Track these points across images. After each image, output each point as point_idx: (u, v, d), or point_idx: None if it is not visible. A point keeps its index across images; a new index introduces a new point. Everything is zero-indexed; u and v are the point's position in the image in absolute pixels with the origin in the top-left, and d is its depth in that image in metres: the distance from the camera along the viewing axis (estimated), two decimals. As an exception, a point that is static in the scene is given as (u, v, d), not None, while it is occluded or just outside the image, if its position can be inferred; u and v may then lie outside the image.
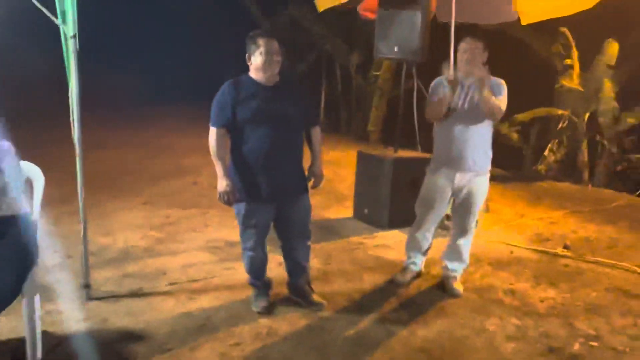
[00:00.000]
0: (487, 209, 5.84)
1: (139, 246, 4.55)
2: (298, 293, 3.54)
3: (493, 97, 3.48)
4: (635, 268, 4.49)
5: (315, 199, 3.56)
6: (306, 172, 3.39)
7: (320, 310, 3.47)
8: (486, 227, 5.43)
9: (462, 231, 3.83)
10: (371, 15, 5.48)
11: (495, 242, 5.05)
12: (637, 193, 7.62)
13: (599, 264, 4.59)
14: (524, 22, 5.42)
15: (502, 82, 3.60)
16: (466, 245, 3.87)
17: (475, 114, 3.56)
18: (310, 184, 3.41)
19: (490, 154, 3.72)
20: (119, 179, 6.97)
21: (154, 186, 6.70)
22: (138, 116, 13.24)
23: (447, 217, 4.52)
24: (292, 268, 3.53)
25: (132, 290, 3.68)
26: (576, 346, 3.17)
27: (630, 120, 8.33)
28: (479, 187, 3.70)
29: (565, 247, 4.98)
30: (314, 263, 3.89)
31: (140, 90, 15.52)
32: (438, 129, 3.77)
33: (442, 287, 3.89)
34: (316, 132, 3.41)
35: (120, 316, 3.30)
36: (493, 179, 3.86)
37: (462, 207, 3.76)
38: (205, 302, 3.54)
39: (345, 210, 5.89)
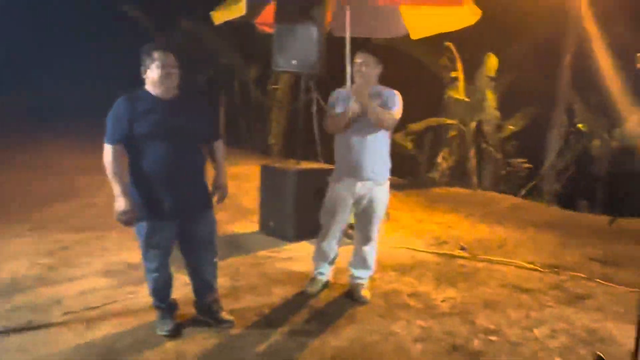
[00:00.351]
0: (388, 217, 6.03)
1: (28, 275, 4.20)
2: (206, 312, 3.44)
3: (379, 108, 3.61)
4: (524, 264, 4.84)
5: (220, 214, 3.49)
6: (210, 187, 3.32)
7: (230, 327, 3.39)
8: (388, 233, 5.60)
9: (366, 239, 3.92)
10: (268, 29, 5.50)
11: (398, 247, 5.23)
12: (522, 194, 8.26)
13: (492, 262, 4.90)
14: (413, 37, 5.71)
15: (397, 93, 3.75)
16: (371, 252, 3.96)
17: (371, 124, 3.68)
18: (214, 199, 3.34)
19: (388, 163, 3.85)
20: (1, 205, 6.41)
21: (43, 210, 6.23)
22: (26, 136, 12.29)
23: (351, 226, 4.61)
24: (199, 287, 3.43)
25: (23, 323, 3.38)
26: (477, 342, 3.34)
27: (511, 128, 9.05)
28: (379, 196, 3.81)
29: (462, 248, 5.27)
30: (222, 280, 3.79)
31: (29, 108, 14.44)
32: (338, 140, 3.85)
33: (350, 295, 3.95)
34: (218, 146, 3.35)
35: (12, 353, 3.02)
36: (392, 187, 4.00)
37: (364, 215, 3.85)
38: (105, 330, 3.33)
39: (251, 225, 5.83)
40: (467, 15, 4.93)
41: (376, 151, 3.74)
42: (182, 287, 3.73)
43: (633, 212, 6.81)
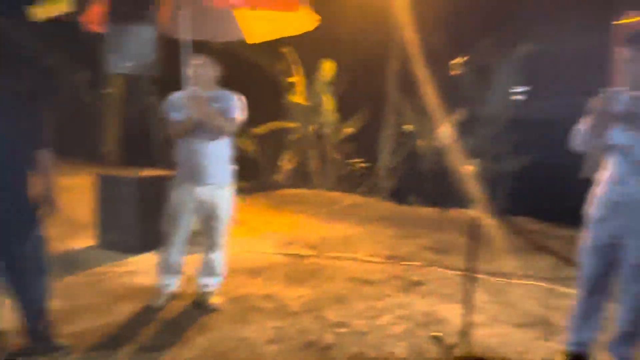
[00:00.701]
0: (236, 221, 5.99)
1: None
2: (38, 339, 3.09)
3: (219, 115, 3.56)
4: (366, 257, 5.13)
5: (51, 230, 3.16)
6: (35, 200, 2.99)
7: (67, 354, 3.09)
8: (237, 237, 5.55)
9: (213, 245, 3.84)
10: (97, 28, 5.13)
11: (247, 251, 5.22)
12: (361, 192, 8.74)
13: (338, 258, 5.12)
14: (249, 42, 5.72)
15: (238, 97, 3.72)
16: (219, 258, 3.89)
17: (208, 127, 3.59)
18: (41, 212, 3.01)
19: (230, 167, 3.80)
20: None
21: None
22: None
23: (197, 233, 4.48)
24: (28, 311, 3.07)
25: None
26: (328, 336, 3.46)
27: (348, 130, 9.55)
28: (222, 200, 3.74)
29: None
30: (56, 302, 3.44)
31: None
32: (179, 145, 3.73)
33: (200, 304, 3.84)
34: (44, 156, 3.04)
35: None
36: (238, 190, 3.97)
37: (208, 221, 3.76)
38: None
39: (87, 240, 5.39)
40: (305, 21, 5.08)
41: (218, 155, 3.68)
42: (8, 313, 3.31)
43: (455, 204, 7.58)
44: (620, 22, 4.12)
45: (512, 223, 7.25)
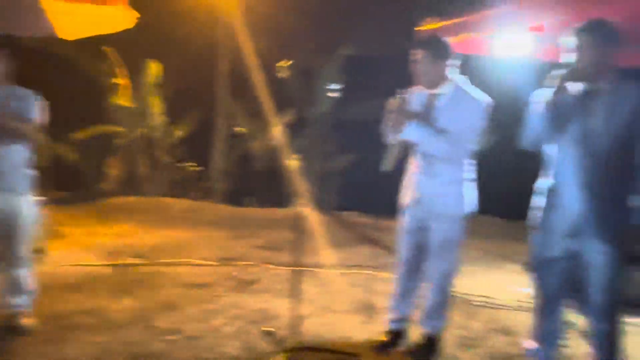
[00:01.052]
0: (50, 234, 5.47)
1: None
2: None
3: (14, 121, 3.20)
4: (197, 261, 5.03)
5: None
6: None
7: None
8: (56, 251, 5.10)
9: (14, 260, 3.40)
10: None
11: (67, 265, 4.81)
12: (194, 196, 8.55)
13: (168, 265, 4.94)
14: (60, 36, 5.29)
15: (38, 97, 3.34)
16: (24, 274, 3.45)
17: (3, 132, 3.22)
18: None
19: (30, 174, 3.40)
20: None
21: None
22: None
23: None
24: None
25: None
26: (157, 344, 3.31)
27: (178, 133, 9.29)
28: (21, 209, 3.35)
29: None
30: None
31: None
32: None
33: (10, 326, 3.42)
34: None
35: None
36: (59, 201, 3.65)
37: (6, 232, 3.34)
38: None
39: None
40: (122, 18, 4.83)
41: (14, 161, 3.28)
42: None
43: (288, 203, 7.79)
44: (421, 27, 4.59)
45: (339, 218, 7.66)
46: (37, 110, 3.33)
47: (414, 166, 3.18)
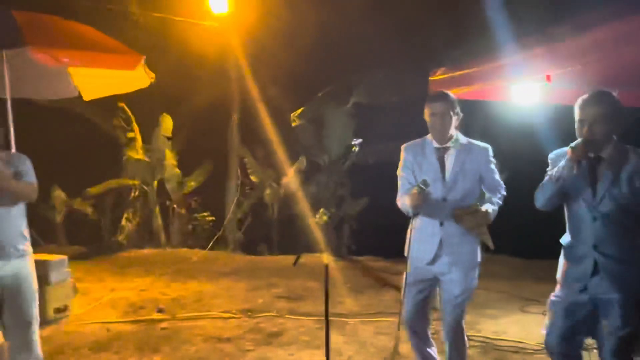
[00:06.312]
0: (73, 292, 5.50)
1: None
2: None
3: (20, 183, 3.23)
4: (220, 314, 5.03)
5: None
6: None
7: None
8: (77, 309, 5.12)
9: (23, 326, 3.29)
10: None
11: (90, 323, 4.81)
12: (208, 247, 8.59)
13: (192, 318, 4.94)
14: (86, 99, 5.50)
15: (25, 158, 3.34)
16: (32, 341, 3.30)
17: (2, 199, 3.20)
18: None
19: (27, 235, 3.37)
20: None
21: None
22: None
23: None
24: None
25: None
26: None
27: (192, 184, 9.40)
28: (27, 271, 3.32)
29: (159, 310, 5.17)
30: None
31: None
32: None
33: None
34: None
35: None
36: (77, 256, 3.68)
37: (18, 296, 3.27)
38: None
39: None
40: (141, 78, 5.02)
41: (15, 225, 3.28)
42: None
43: (303, 250, 7.81)
44: (433, 77, 4.74)
45: (355, 263, 7.66)
46: (30, 169, 3.32)
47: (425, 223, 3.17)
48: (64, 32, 4.46)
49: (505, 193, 3.19)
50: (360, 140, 3.31)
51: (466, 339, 3.25)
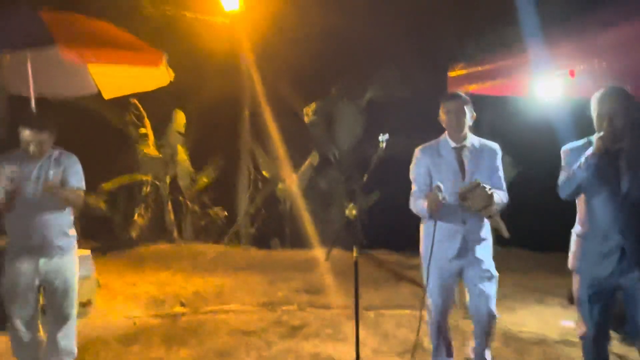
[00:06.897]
0: (96, 286, 5.57)
1: None
2: None
3: (67, 191, 3.33)
4: (243, 307, 5.11)
5: None
6: None
7: None
8: (102, 303, 5.20)
9: (61, 321, 3.43)
10: None
11: (116, 317, 4.90)
12: (225, 242, 8.67)
13: (215, 312, 5.02)
14: (106, 97, 5.54)
15: (75, 160, 3.47)
16: (68, 335, 3.47)
17: (49, 198, 3.31)
18: None
19: (72, 233, 3.49)
20: None
21: None
22: None
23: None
24: None
25: None
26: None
27: (204, 180, 9.46)
28: (70, 267, 3.44)
29: (182, 304, 5.26)
30: None
31: None
32: (10, 217, 3.35)
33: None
34: None
35: None
36: (93, 252, 3.71)
37: (58, 291, 3.40)
38: None
39: None
40: (161, 77, 5.05)
41: (58, 224, 3.37)
42: None
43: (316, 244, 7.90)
44: (452, 73, 4.78)
45: (369, 256, 7.72)
46: (82, 174, 3.44)
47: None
48: (89, 30, 4.50)
49: (507, 201, 3.22)
50: (387, 136, 3.36)
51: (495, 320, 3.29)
